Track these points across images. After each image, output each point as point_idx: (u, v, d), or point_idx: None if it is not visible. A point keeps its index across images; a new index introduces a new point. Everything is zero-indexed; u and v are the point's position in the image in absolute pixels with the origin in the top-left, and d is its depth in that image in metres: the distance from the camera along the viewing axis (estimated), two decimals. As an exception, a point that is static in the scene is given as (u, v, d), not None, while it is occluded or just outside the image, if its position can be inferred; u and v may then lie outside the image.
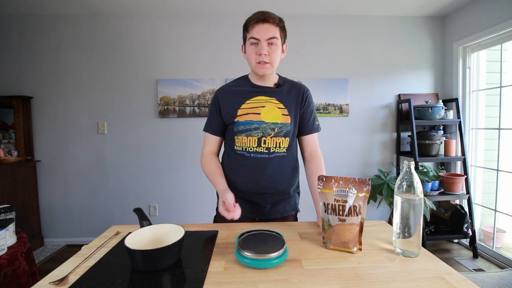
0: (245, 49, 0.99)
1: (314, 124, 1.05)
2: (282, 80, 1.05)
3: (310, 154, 1.05)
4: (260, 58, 0.93)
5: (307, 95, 1.04)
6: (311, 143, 1.06)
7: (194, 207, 2.59)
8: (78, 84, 2.52)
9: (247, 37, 0.96)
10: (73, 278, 0.58)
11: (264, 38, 0.91)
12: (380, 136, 2.68)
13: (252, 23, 0.92)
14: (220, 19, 2.51)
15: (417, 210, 0.66)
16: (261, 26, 0.91)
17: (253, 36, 0.92)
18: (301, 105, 1.02)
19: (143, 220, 0.78)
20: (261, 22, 0.91)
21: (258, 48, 0.93)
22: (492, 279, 1.13)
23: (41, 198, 2.55)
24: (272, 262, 0.61)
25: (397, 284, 0.55)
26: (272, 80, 1.03)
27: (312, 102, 1.06)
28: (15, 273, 1.27)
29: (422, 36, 2.64)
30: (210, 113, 1.06)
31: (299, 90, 1.03)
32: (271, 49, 0.93)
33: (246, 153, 0.99)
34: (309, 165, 1.04)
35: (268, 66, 0.94)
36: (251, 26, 0.93)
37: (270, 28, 0.92)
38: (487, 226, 2.39)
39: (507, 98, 2.24)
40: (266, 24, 0.91)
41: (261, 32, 0.91)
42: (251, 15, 0.94)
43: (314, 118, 1.06)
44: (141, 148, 2.57)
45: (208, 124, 1.06)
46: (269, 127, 0.97)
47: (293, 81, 1.07)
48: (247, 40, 0.96)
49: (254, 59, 0.94)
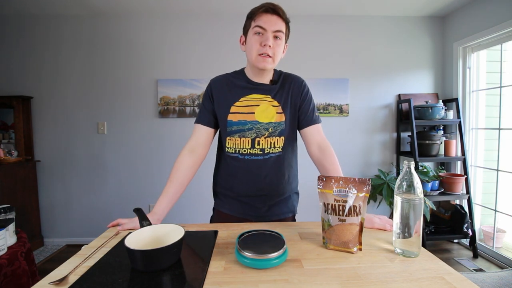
0: (246, 39, 0.92)
1: (315, 115, 0.99)
2: (277, 75, 1.00)
3: (319, 147, 0.95)
4: (263, 50, 0.87)
5: (303, 86, 0.99)
6: (316, 134, 0.97)
7: (194, 207, 2.59)
8: (78, 84, 2.52)
9: (251, 26, 0.89)
10: (73, 278, 0.58)
11: (271, 29, 0.86)
12: (380, 136, 2.68)
13: (260, 11, 0.87)
14: (220, 19, 2.51)
15: (417, 210, 0.66)
16: (270, 16, 0.86)
17: (259, 24, 0.86)
18: (297, 98, 0.97)
19: (143, 220, 0.78)
20: (270, 12, 0.86)
21: (263, 38, 0.87)
22: (492, 279, 1.13)
23: (41, 198, 2.55)
24: (272, 262, 0.61)
25: (397, 284, 0.55)
26: (269, 76, 0.98)
27: (310, 93, 1.01)
28: (15, 273, 1.27)
29: (422, 36, 2.64)
30: (202, 104, 1.01)
31: (296, 82, 0.99)
32: (276, 42, 0.88)
33: (240, 156, 0.94)
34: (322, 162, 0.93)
35: (269, 60, 0.89)
36: (258, 14, 0.87)
37: (278, 20, 0.87)
38: (487, 226, 2.39)
39: (507, 98, 2.24)
40: (276, 16, 0.87)
41: (269, 22, 0.86)
42: (259, 5, 0.88)
43: (313, 108, 1.00)
44: (141, 148, 2.57)
45: (199, 115, 0.99)
46: (263, 127, 0.93)
47: (288, 73, 1.02)
48: (250, 29, 0.89)
49: (256, 50, 0.88)
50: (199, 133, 0.98)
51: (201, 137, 0.98)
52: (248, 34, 0.91)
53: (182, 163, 0.95)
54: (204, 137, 0.98)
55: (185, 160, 0.95)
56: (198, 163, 0.98)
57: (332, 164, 0.91)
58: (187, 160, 0.95)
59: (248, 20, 0.92)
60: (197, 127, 0.99)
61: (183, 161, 0.95)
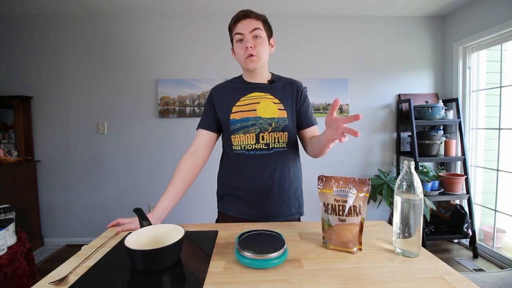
0: (234, 49, 1.00)
1: (312, 117, 1.05)
2: (275, 77, 1.06)
3: None
4: (247, 52, 0.94)
5: (301, 89, 1.04)
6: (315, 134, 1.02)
7: (194, 207, 2.59)
8: (78, 84, 2.52)
9: (233, 37, 0.98)
10: (73, 278, 0.58)
11: (248, 31, 0.93)
12: (380, 136, 2.68)
13: (234, 22, 0.96)
14: (220, 19, 2.51)
15: (417, 210, 0.66)
16: (243, 21, 0.94)
17: (237, 31, 0.95)
18: (297, 100, 1.02)
19: (143, 220, 0.78)
20: (242, 18, 0.95)
21: (244, 42, 0.94)
22: (492, 279, 1.13)
23: (41, 198, 2.55)
24: (272, 262, 0.61)
25: (397, 284, 0.55)
26: (265, 77, 1.03)
27: (307, 96, 1.06)
28: (15, 273, 1.27)
29: (422, 36, 2.64)
30: (204, 111, 1.07)
31: (294, 86, 1.03)
32: (257, 41, 0.95)
33: (246, 151, 0.97)
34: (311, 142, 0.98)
35: (255, 59, 0.95)
36: (233, 24, 0.96)
37: (252, 21, 0.94)
38: (487, 226, 2.39)
39: (507, 98, 2.24)
40: (248, 19, 0.94)
41: (244, 26, 0.94)
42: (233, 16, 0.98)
43: (311, 111, 1.06)
44: (141, 148, 2.57)
45: (201, 121, 1.04)
46: (266, 123, 0.96)
47: (287, 78, 1.07)
48: (233, 40, 0.98)
49: (242, 55, 0.96)
50: (200, 136, 1.02)
51: (202, 140, 1.02)
52: (234, 45, 1.00)
53: (184, 165, 0.98)
54: (205, 140, 1.02)
55: (186, 162, 0.98)
56: (199, 166, 1.01)
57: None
58: (189, 163, 0.98)
59: (230, 33, 1.01)
60: (199, 132, 1.03)
61: (185, 163, 0.98)
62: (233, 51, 1.02)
